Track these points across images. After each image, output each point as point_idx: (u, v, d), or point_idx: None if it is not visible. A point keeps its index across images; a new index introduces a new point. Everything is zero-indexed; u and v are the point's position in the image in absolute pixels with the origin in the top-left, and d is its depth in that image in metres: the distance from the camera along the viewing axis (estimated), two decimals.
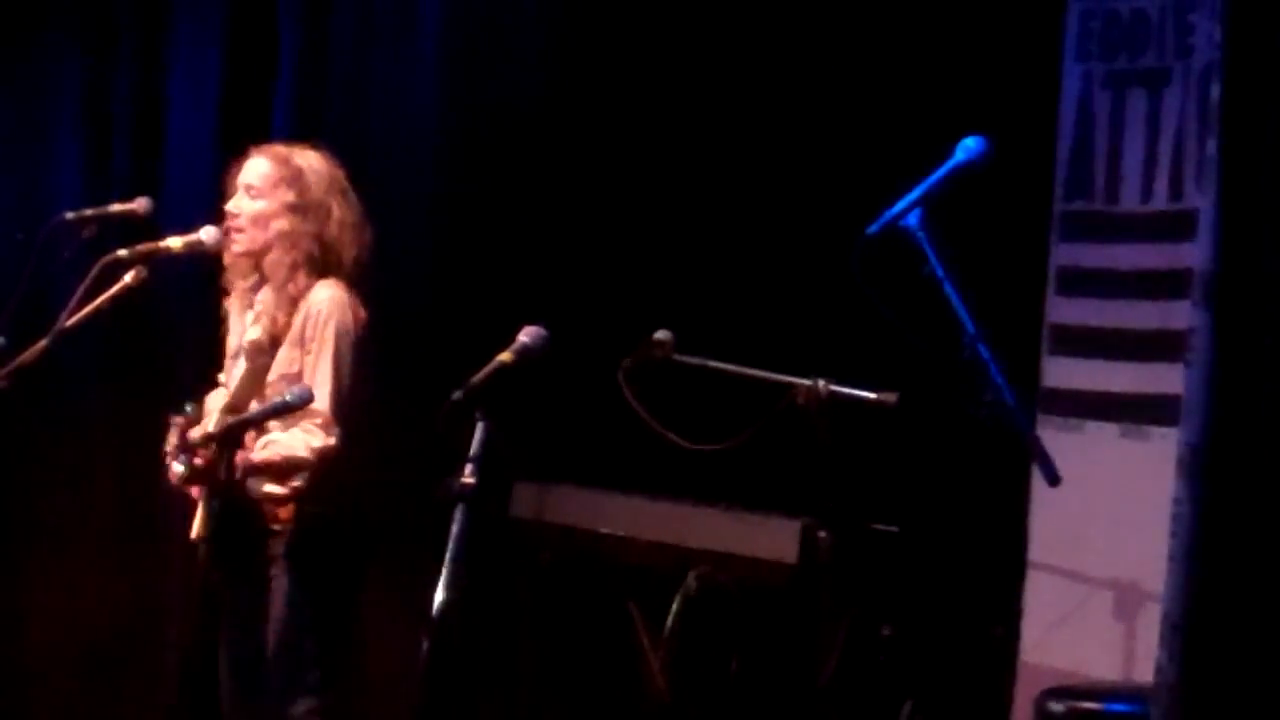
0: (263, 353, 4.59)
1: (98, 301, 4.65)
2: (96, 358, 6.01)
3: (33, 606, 6.20)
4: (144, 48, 6.27)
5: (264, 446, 4.50)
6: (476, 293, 5.68)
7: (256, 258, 4.65)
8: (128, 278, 4.68)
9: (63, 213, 4.93)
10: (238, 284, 4.73)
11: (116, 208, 4.97)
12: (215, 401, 4.82)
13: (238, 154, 4.77)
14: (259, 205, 4.62)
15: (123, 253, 4.64)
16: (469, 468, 3.71)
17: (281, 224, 4.61)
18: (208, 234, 4.72)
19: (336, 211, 4.66)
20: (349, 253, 4.66)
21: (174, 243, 4.71)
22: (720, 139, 5.52)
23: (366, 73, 6.02)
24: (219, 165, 4.90)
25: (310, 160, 4.70)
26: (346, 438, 4.52)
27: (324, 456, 4.50)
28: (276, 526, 4.55)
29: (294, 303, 4.60)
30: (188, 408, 4.56)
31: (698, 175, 5.55)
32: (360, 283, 4.68)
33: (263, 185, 4.63)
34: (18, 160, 6.33)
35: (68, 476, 6.17)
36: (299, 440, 4.49)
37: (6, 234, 5.77)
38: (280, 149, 4.72)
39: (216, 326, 4.81)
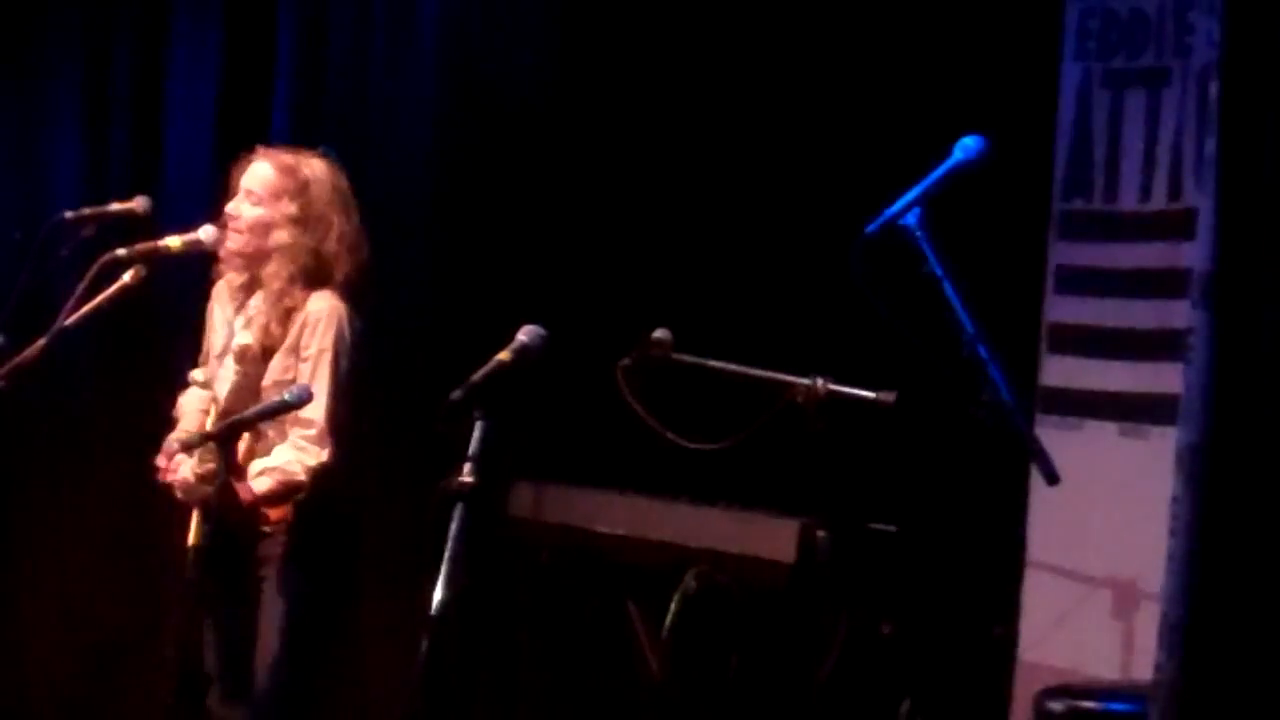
0: (255, 360, 4.59)
1: (97, 300, 4.65)
2: (96, 357, 6.01)
3: (33, 606, 6.19)
4: (143, 47, 6.27)
5: (260, 474, 4.49)
6: (475, 292, 5.68)
7: (249, 260, 4.65)
8: (127, 277, 4.68)
9: (62, 212, 4.94)
10: (228, 281, 4.74)
11: (115, 207, 4.97)
12: (190, 402, 4.82)
13: (241, 152, 4.76)
14: (259, 212, 4.61)
15: (122, 252, 4.65)
16: (468, 467, 3.71)
17: (282, 236, 4.59)
18: (206, 233, 4.71)
19: (337, 226, 4.63)
20: (344, 267, 4.63)
21: (173, 242, 4.71)
22: (720, 138, 5.52)
23: (365, 72, 6.02)
24: (218, 165, 4.91)
25: (316, 171, 4.66)
26: (338, 449, 4.52)
27: (319, 474, 4.49)
28: (267, 529, 4.56)
29: (289, 313, 4.58)
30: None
31: (697, 175, 5.55)
32: (355, 296, 4.66)
33: (264, 193, 4.61)
34: (18, 160, 6.33)
35: (68, 476, 6.17)
36: (295, 463, 4.48)
37: (6, 234, 5.78)
38: (286, 157, 4.68)
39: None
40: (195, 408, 4.80)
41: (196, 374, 4.86)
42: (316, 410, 4.48)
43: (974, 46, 5.10)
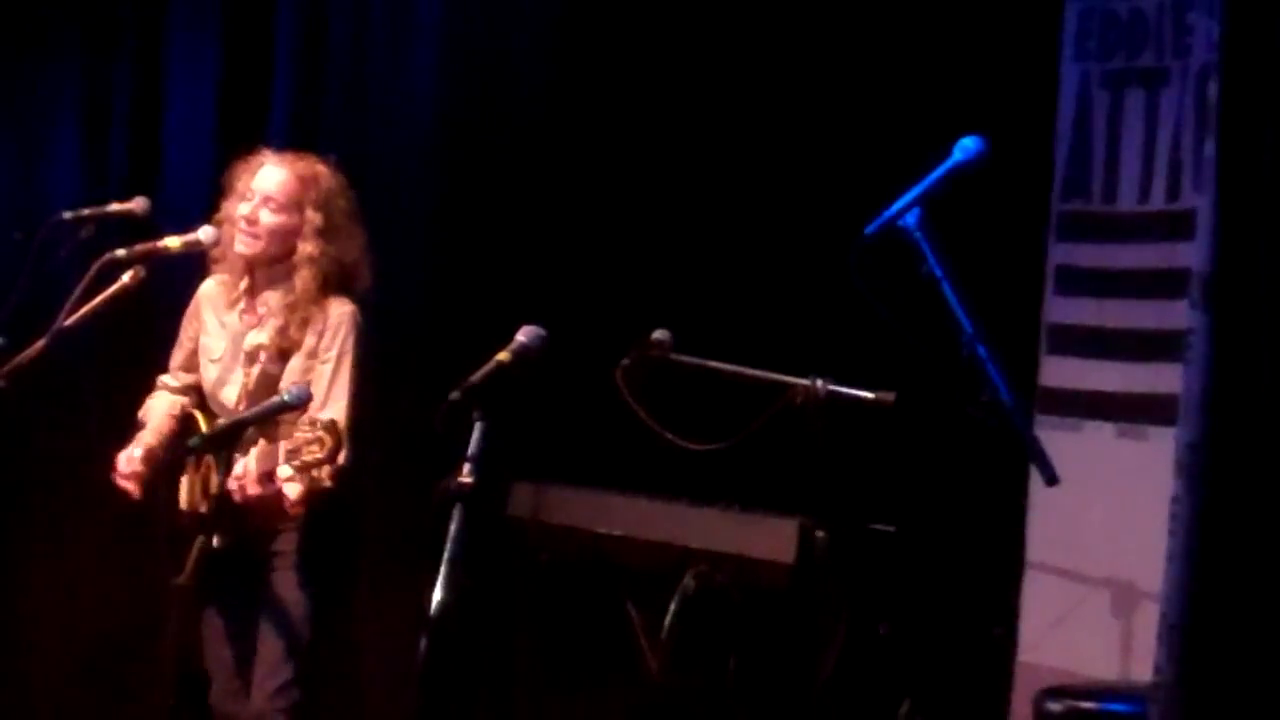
0: (272, 360, 4.60)
1: (96, 301, 4.65)
2: (96, 357, 6.01)
3: (32, 606, 6.19)
4: (143, 48, 6.27)
5: (289, 478, 4.46)
6: (475, 292, 5.68)
7: (261, 264, 4.65)
8: (126, 277, 4.68)
9: (61, 212, 4.94)
10: (222, 284, 4.73)
11: (114, 207, 4.97)
12: (159, 406, 4.81)
13: (243, 151, 4.76)
14: (279, 219, 4.61)
15: (121, 253, 4.65)
16: (467, 467, 3.71)
17: (308, 247, 4.61)
18: (205, 234, 4.71)
19: (357, 238, 4.68)
20: (362, 279, 4.68)
21: (172, 242, 4.71)
22: (719, 139, 5.52)
23: (364, 72, 6.02)
24: (217, 165, 4.91)
25: (333, 181, 4.69)
26: (351, 449, 4.51)
27: (342, 476, 4.48)
28: (277, 525, 4.56)
29: (307, 320, 4.60)
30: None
31: (696, 175, 5.55)
32: (365, 307, 4.69)
33: (286, 200, 4.61)
34: (17, 160, 6.33)
35: (67, 475, 6.17)
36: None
37: (6, 234, 5.77)
38: (302, 164, 4.69)
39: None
40: (163, 411, 4.79)
41: (169, 379, 4.86)
42: (338, 414, 4.47)
43: (974, 47, 5.10)
